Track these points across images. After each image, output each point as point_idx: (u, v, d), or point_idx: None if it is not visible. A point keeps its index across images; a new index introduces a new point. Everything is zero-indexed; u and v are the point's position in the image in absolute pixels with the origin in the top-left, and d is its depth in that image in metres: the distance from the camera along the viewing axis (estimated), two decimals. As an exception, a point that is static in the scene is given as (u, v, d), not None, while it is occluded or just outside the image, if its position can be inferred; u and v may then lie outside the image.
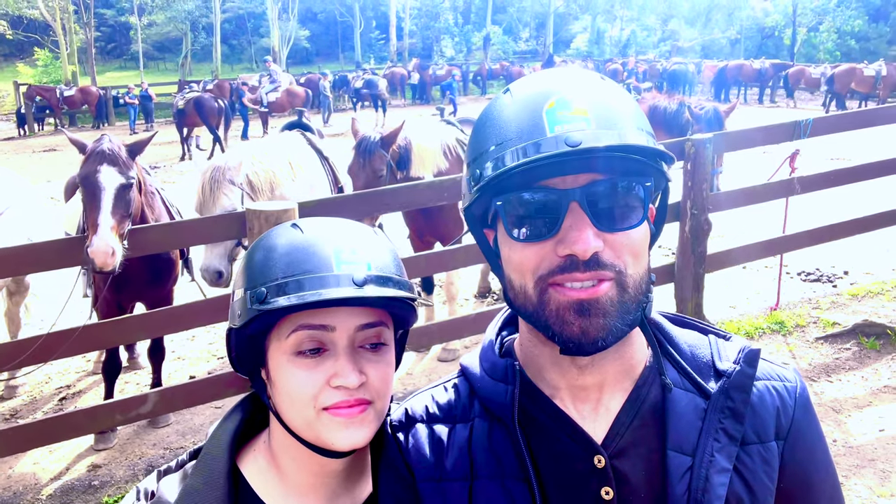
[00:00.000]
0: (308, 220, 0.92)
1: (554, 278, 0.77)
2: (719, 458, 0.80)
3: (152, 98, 22.03)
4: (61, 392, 4.56)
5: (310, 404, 0.85)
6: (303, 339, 0.85)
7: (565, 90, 0.77)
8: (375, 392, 0.88)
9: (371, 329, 0.88)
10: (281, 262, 0.85)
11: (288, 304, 0.81)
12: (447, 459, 0.87)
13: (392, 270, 0.88)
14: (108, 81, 30.28)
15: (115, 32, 41.79)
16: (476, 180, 0.80)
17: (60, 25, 30.76)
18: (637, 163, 0.76)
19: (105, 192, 3.03)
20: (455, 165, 4.32)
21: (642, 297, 0.80)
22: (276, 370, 0.88)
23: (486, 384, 0.88)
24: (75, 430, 3.18)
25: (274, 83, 17.38)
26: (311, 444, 0.88)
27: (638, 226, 0.78)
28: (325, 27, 43.86)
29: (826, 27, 35.36)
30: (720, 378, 0.84)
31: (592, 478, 0.81)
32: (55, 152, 17.27)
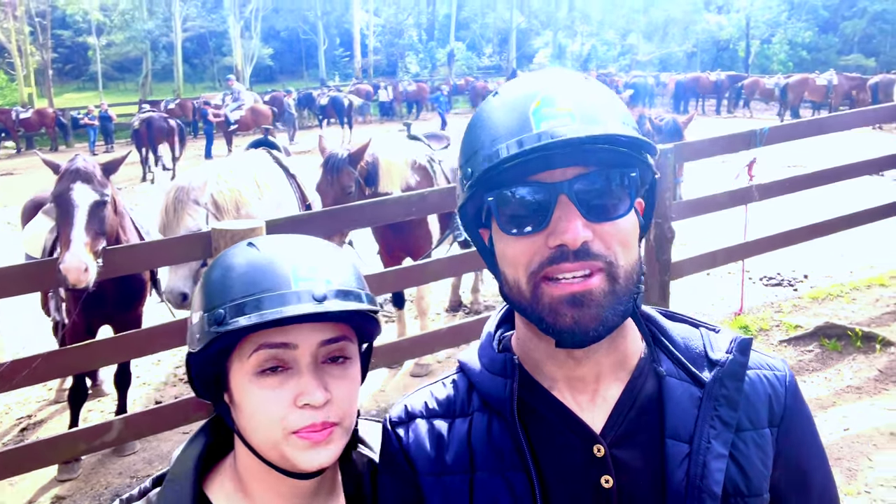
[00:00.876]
0: (264, 238, 0.91)
1: (545, 271, 0.79)
2: (716, 444, 0.82)
3: (112, 119, 21.69)
4: (22, 422, 4.41)
5: (276, 426, 0.84)
6: (264, 358, 0.84)
7: (550, 90, 0.80)
8: (341, 410, 0.87)
9: (334, 344, 0.87)
10: (238, 281, 0.83)
11: (247, 324, 0.79)
12: (447, 453, 0.89)
13: (352, 284, 0.87)
14: (66, 103, 29.66)
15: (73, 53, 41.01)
16: (468, 178, 0.83)
17: (16, 47, 30.09)
18: (622, 154, 0.79)
19: (78, 209, 3.01)
20: (423, 180, 4.34)
21: (633, 287, 0.83)
22: (239, 392, 0.86)
23: (485, 379, 0.89)
24: (37, 461, 3.06)
25: (237, 101, 17.23)
26: (277, 466, 0.86)
27: (625, 215, 0.81)
28: (288, 45, 43.70)
29: (778, 39, 36.61)
30: (714, 367, 0.86)
31: (592, 467, 0.83)
32: (12, 176, 16.81)
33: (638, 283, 0.84)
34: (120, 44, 37.68)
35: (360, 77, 37.24)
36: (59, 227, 3.04)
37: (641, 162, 0.82)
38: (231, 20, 36.48)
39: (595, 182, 0.79)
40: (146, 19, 36.60)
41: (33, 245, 4.04)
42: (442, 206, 3.83)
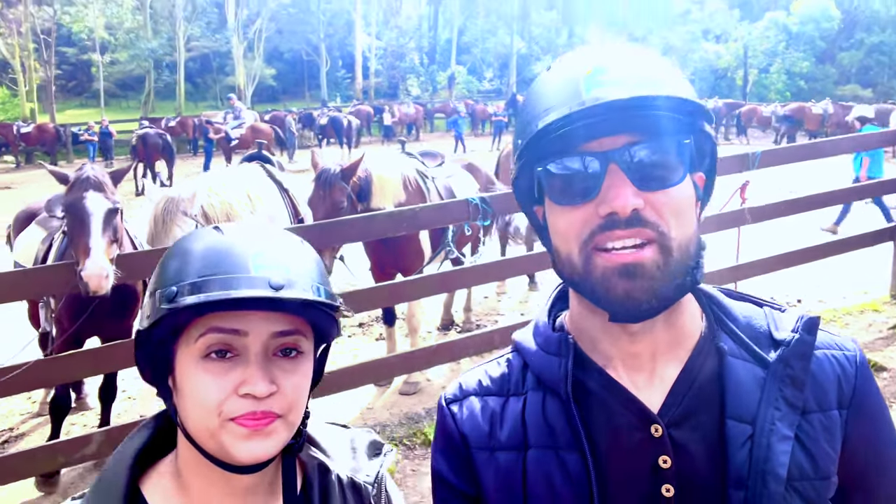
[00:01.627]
0: (230, 225, 0.89)
1: (596, 240, 0.78)
2: (780, 426, 0.79)
3: (112, 135, 21.77)
4: (3, 435, 4.34)
5: (214, 412, 0.80)
6: (212, 342, 0.81)
7: (602, 59, 0.79)
8: (286, 404, 0.83)
9: (287, 336, 0.84)
10: (196, 263, 0.81)
11: (196, 302, 0.77)
12: (501, 430, 0.88)
13: (313, 278, 0.84)
14: (68, 119, 29.77)
15: (77, 70, 41.30)
16: (518, 149, 0.84)
17: (20, 63, 30.34)
18: (675, 121, 0.78)
19: (94, 216, 3.04)
20: (415, 197, 4.33)
21: (691, 262, 0.81)
22: (182, 376, 0.83)
23: (540, 358, 0.89)
24: (13, 474, 3.02)
25: (238, 120, 17.34)
26: (215, 458, 0.83)
27: (678, 184, 0.79)
28: (291, 66, 44.10)
29: (776, 69, 37.04)
30: (778, 347, 0.84)
31: (649, 447, 0.81)
32: (9, 190, 16.82)
33: (696, 258, 0.82)
34: (124, 62, 37.95)
35: (361, 98, 37.53)
36: (74, 236, 3.05)
37: (697, 130, 0.81)
38: (235, 40, 36.84)
39: (647, 150, 0.77)
40: (150, 38, 36.92)
41: (26, 255, 4.01)
42: (434, 222, 3.82)
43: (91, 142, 21.82)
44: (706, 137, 0.82)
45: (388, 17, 45.00)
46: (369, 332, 5.93)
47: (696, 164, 0.83)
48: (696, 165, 0.83)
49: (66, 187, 3.22)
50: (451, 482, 0.92)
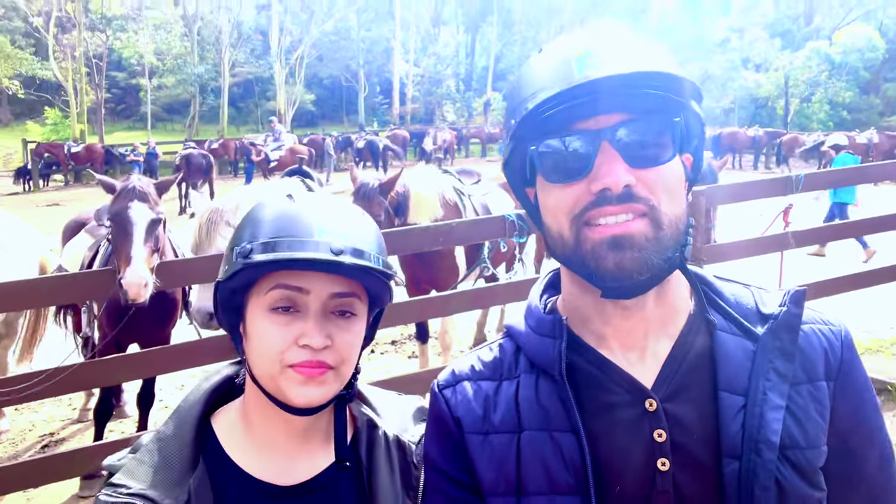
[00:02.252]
0: (302, 193, 1.01)
1: (587, 215, 0.80)
2: (772, 395, 0.81)
3: (158, 156, 22.46)
4: (44, 440, 4.45)
5: (276, 359, 0.90)
6: (278, 297, 0.91)
7: (593, 41, 0.81)
8: (339, 357, 0.92)
9: (344, 298, 0.93)
10: (269, 225, 0.91)
11: (265, 259, 0.87)
12: (494, 414, 0.89)
13: (370, 247, 0.93)
14: (116, 140, 30.88)
15: (126, 94, 42.92)
16: (509, 130, 0.86)
17: (72, 86, 31.65)
18: (665, 99, 0.79)
19: (136, 226, 3.11)
20: (451, 214, 4.35)
21: (680, 237, 0.82)
22: (251, 323, 0.93)
23: (533, 340, 0.90)
24: (53, 475, 3.07)
25: (278, 142, 17.73)
26: (276, 400, 0.93)
27: (669, 161, 0.81)
28: (330, 91, 45.08)
29: (818, 98, 36.37)
30: (766, 321, 0.85)
31: (644, 421, 0.82)
32: (58, 207, 17.44)
33: (685, 236, 0.83)
34: (171, 86, 39.33)
35: (398, 123, 38.07)
36: (118, 244, 3.11)
37: (687, 108, 0.82)
38: (277, 66, 37.87)
39: (638, 128, 0.79)
40: (197, 64, 38.20)
41: (73, 261, 4.14)
42: (469, 237, 3.82)
43: (137, 162, 22.54)
44: (695, 117, 0.84)
45: (426, 45, 45.73)
46: (402, 350, 5.93)
47: (684, 144, 0.84)
48: (684, 146, 0.85)
49: (112, 197, 3.31)
50: (443, 468, 0.92)
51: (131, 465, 0.93)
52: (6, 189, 22.94)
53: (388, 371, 5.30)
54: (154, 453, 0.94)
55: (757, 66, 40.78)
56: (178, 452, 0.94)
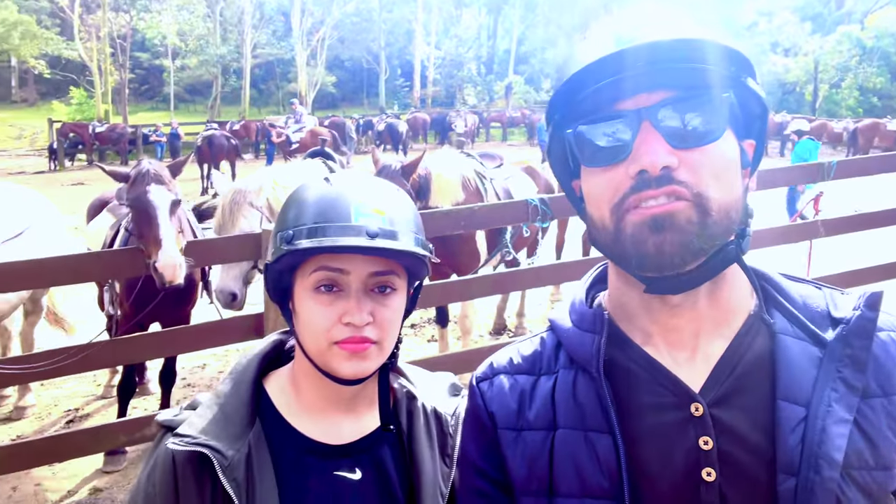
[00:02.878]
0: (338, 175, 1.03)
1: (628, 202, 0.75)
2: (837, 408, 0.73)
3: (180, 136, 22.63)
4: (69, 415, 4.52)
5: (323, 336, 0.97)
6: (321, 278, 0.97)
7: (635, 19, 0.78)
8: (381, 332, 0.98)
9: (382, 276, 0.98)
10: (309, 210, 0.96)
11: (308, 247, 0.93)
12: (529, 410, 0.86)
13: (408, 226, 0.97)
14: (139, 120, 31.12)
15: (149, 74, 43.20)
16: (550, 116, 0.82)
17: (97, 66, 31.91)
18: (712, 73, 0.74)
19: (160, 209, 3.08)
20: (473, 197, 4.31)
21: (734, 227, 0.76)
22: (299, 302, 1.00)
23: (573, 335, 0.86)
24: (78, 450, 3.11)
25: (299, 124, 17.74)
26: (323, 371, 1.00)
27: (715, 141, 0.74)
28: (351, 74, 44.99)
29: (848, 84, 35.51)
30: (837, 326, 0.78)
31: (689, 427, 0.76)
32: (83, 186, 17.67)
33: (742, 227, 0.77)
34: (193, 67, 39.48)
35: (418, 106, 37.91)
36: (142, 229, 3.08)
37: (739, 84, 0.76)
38: (299, 48, 37.83)
39: (681, 105, 0.74)
40: (219, 45, 38.28)
41: (96, 240, 4.19)
42: (491, 221, 3.78)
43: (159, 142, 22.74)
44: (751, 94, 0.77)
45: (448, 27, 45.35)
46: (421, 334, 5.93)
47: (743, 128, 0.78)
48: (743, 130, 0.79)
49: (126, 183, 3.28)
50: (477, 464, 0.89)
51: (194, 420, 0.99)
52: (33, 167, 23.30)
53: (407, 355, 5.30)
54: (214, 409, 1.01)
55: (786, 50, 39.89)
56: (237, 409, 1.01)
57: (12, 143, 30.68)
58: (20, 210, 4.11)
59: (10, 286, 3.01)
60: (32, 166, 23.69)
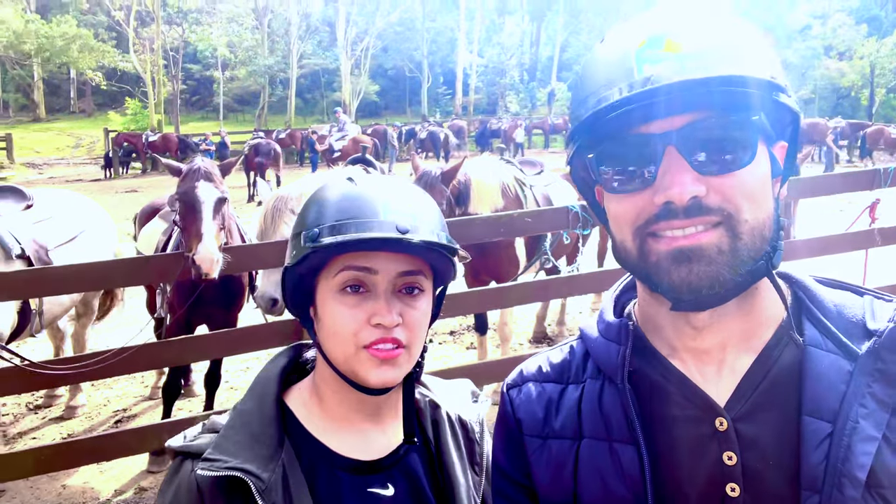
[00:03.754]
0: (363, 175, 1.00)
1: (651, 228, 0.72)
2: (865, 424, 0.70)
3: (228, 145, 23.21)
4: (117, 415, 4.65)
5: (350, 340, 0.92)
6: (348, 278, 0.93)
7: (659, 27, 0.71)
8: (410, 334, 0.94)
9: (410, 276, 0.94)
10: (334, 208, 0.92)
11: (335, 241, 0.88)
12: (556, 418, 0.86)
13: (435, 225, 0.94)
14: (190, 130, 32.14)
15: (200, 85, 44.55)
16: (571, 138, 0.80)
17: (150, 78, 33.07)
18: (740, 95, 0.69)
19: (205, 204, 3.22)
20: (513, 204, 4.28)
21: (766, 246, 0.73)
22: (322, 306, 0.96)
23: (600, 345, 0.85)
24: (123, 450, 3.20)
25: (342, 132, 17.99)
26: (349, 380, 0.95)
27: (747, 165, 0.71)
28: (394, 82, 45.48)
29: (906, 88, 34.15)
30: (871, 338, 0.74)
31: (713, 442, 0.74)
32: (136, 193, 18.28)
33: (774, 241, 0.74)
34: (242, 78, 40.57)
35: (460, 114, 38.05)
36: (187, 222, 3.22)
37: (773, 102, 0.71)
38: (343, 58, 38.47)
39: (708, 130, 0.69)
40: (267, 56, 39.23)
41: (147, 245, 4.31)
42: (531, 229, 3.74)
43: (208, 151, 23.37)
44: (782, 109, 0.72)
45: (491, 34, 45.43)
46: (460, 341, 5.91)
47: (773, 135, 0.74)
48: (773, 137, 0.74)
49: (178, 179, 3.41)
50: (506, 469, 0.90)
51: (221, 442, 0.94)
52: (90, 175, 24.24)
53: (445, 362, 5.29)
54: (241, 430, 0.95)
55: (840, 53, 38.57)
56: (264, 429, 0.95)
57: (70, 152, 32.00)
58: (74, 216, 4.26)
59: (63, 289, 3.12)
60: (89, 174, 24.64)
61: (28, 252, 3.58)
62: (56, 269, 2.95)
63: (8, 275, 2.89)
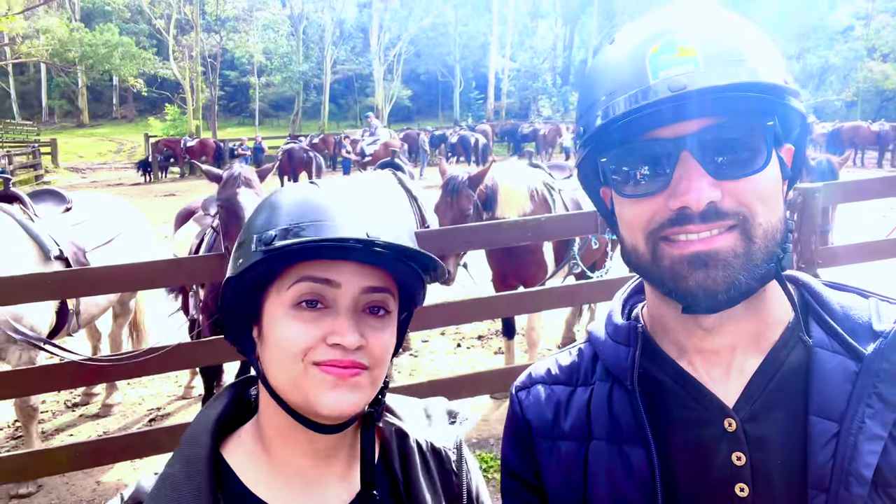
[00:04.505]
0: (329, 180, 0.89)
1: (665, 232, 0.72)
2: (871, 424, 0.70)
3: (264, 150, 23.66)
4: (151, 414, 4.75)
5: (298, 357, 0.78)
6: (305, 290, 0.79)
7: (673, 30, 0.71)
8: (373, 359, 0.80)
9: (377, 294, 0.81)
10: (292, 210, 0.79)
11: (291, 244, 0.75)
12: (565, 420, 0.86)
13: (405, 236, 0.82)
14: (227, 135, 32.82)
15: (237, 92, 45.48)
16: (580, 137, 0.78)
17: (189, 84, 33.86)
18: (755, 100, 0.69)
19: (247, 211, 3.27)
20: (541, 208, 4.26)
21: (775, 247, 0.73)
22: (269, 324, 0.81)
23: (608, 347, 0.86)
24: (155, 447, 3.26)
25: (373, 136, 18.15)
26: (297, 413, 0.81)
27: (762, 170, 0.71)
28: (426, 87, 45.75)
29: (955, 90, 32.98)
30: (877, 339, 0.74)
31: (722, 443, 0.75)
32: (174, 197, 18.70)
33: (783, 244, 0.74)
34: (277, 84, 41.31)
35: (492, 118, 38.06)
36: (230, 228, 3.30)
37: (783, 107, 0.71)
38: (376, 63, 38.85)
39: (724, 135, 0.70)
40: (301, 62, 39.86)
41: (183, 247, 4.40)
42: (559, 233, 3.72)
43: (244, 156, 23.83)
44: (793, 112, 0.72)
45: (523, 39, 45.35)
46: (488, 346, 5.89)
47: (780, 140, 0.74)
48: (780, 141, 0.74)
49: (217, 185, 3.48)
50: (516, 470, 0.91)
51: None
52: (131, 179, 24.90)
53: (473, 366, 5.27)
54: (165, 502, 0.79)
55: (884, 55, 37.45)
56: (192, 498, 0.79)
57: (112, 157, 32.94)
58: (111, 218, 4.38)
59: (97, 289, 3.20)
60: (130, 178, 25.30)
61: (66, 254, 3.69)
62: (97, 270, 3.03)
63: (47, 275, 2.98)
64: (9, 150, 21.95)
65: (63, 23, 29.06)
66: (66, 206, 4.15)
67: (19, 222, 3.59)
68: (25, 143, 25.78)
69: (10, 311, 3.31)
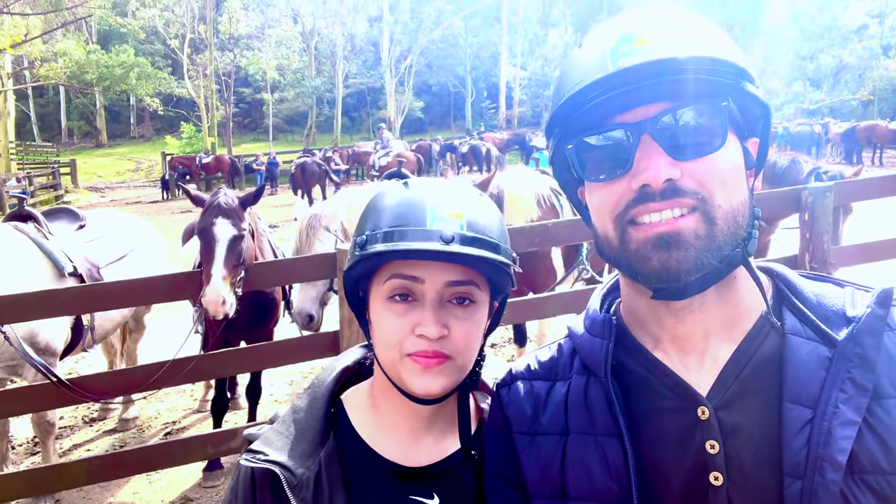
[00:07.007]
0: (417, 179, 1.01)
1: (630, 213, 0.75)
2: (845, 409, 0.70)
3: (278, 165, 23.88)
4: (167, 427, 4.80)
5: (395, 347, 0.91)
6: (395, 286, 0.92)
7: (630, 27, 0.75)
8: (456, 348, 0.91)
9: (460, 286, 0.91)
10: (385, 214, 0.91)
11: (378, 251, 0.88)
12: (543, 415, 0.88)
13: (489, 233, 0.90)
14: (242, 151, 33.19)
15: (251, 108, 46.00)
16: (550, 131, 0.83)
17: (204, 102, 34.30)
18: (710, 83, 0.73)
19: (219, 243, 3.20)
20: (548, 214, 4.25)
21: (741, 232, 0.75)
22: (373, 311, 0.96)
23: (585, 340, 0.88)
24: (169, 460, 3.29)
25: (386, 148, 18.26)
26: (398, 386, 0.95)
27: (718, 150, 0.74)
28: (438, 98, 45.94)
29: (975, 85, 32.46)
30: (850, 325, 0.75)
31: (695, 431, 0.76)
32: (190, 213, 18.89)
33: (749, 228, 0.75)
34: (290, 99, 41.70)
35: (504, 127, 38.11)
36: (203, 260, 3.24)
37: (738, 91, 0.74)
38: (387, 76, 39.11)
39: (681, 117, 0.73)
40: (314, 77, 40.23)
41: (187, 263, 4.46)
42: (566, 238, 3.71)
43: (259, 171, 24.06)
44: (751, 99, 0.75)
45: (534, 47, 45.42)
46: (501, 353, 5.88)
47: (746, 128, 0.77)
48: (746, 130, 0.77)
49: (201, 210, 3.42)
50: (496, 467, 0.91)
51: (269, 435, 0.98)
52: (149, 197, 25.25)
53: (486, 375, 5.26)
54: (290, 425, 0.99)
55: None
56: (311, 425, 0.98)
57: (130, 176, 33.43)
58: (124, 235, 4.45)
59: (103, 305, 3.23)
60: (148, 196, 25.67)
61: (81, 270, 3.74)
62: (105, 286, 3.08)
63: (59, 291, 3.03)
64: (29, 172, 22.36)
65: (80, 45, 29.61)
66: (80, 223, 4.22)
67: (34, 240, 3.65)
68: (45, 164, 26.24)
69: (26, 328, 3.36)
